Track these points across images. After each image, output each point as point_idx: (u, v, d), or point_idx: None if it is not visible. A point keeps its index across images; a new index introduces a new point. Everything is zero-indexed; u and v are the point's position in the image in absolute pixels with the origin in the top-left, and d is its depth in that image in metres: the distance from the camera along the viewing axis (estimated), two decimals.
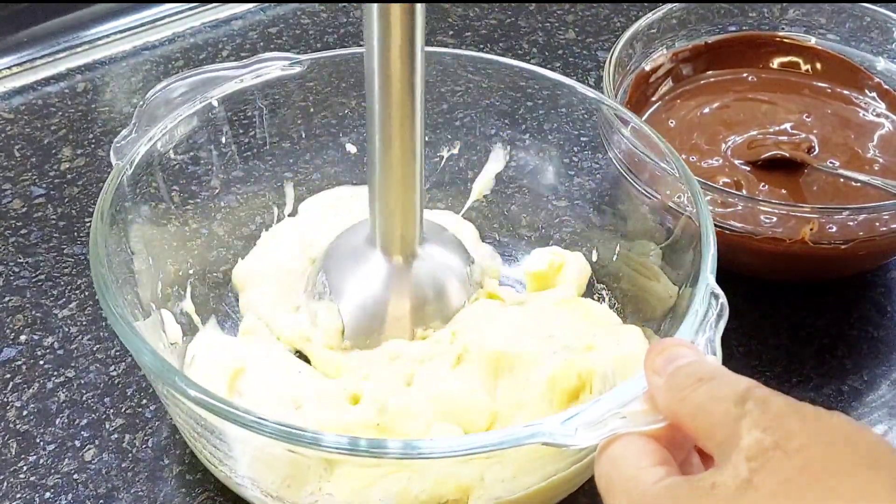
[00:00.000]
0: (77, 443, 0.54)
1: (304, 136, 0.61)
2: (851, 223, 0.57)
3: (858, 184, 0.62)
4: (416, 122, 0.49)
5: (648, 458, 0.36)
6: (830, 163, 0.64)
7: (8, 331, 0.60)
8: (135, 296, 0.50)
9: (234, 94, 0.57)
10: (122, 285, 0.48)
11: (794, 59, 0.72)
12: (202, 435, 0.46)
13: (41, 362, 0.58)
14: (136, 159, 0.51)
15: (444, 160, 0.63)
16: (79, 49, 0.81)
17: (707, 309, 0.44)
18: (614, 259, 0.59)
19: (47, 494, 0.52)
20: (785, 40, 0.72)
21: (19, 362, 0.58)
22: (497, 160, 0.63)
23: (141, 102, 0.53)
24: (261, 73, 0.57)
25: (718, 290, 0.44)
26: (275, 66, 0.57)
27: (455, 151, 0.63)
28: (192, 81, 0.55)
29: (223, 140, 0.58)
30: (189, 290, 0.56)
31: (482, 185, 0.63)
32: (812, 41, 0.72)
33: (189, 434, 0.49)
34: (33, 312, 0.61)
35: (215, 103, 0.56)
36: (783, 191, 0.62)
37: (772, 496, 0.31)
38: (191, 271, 0.56)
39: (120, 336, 0.44)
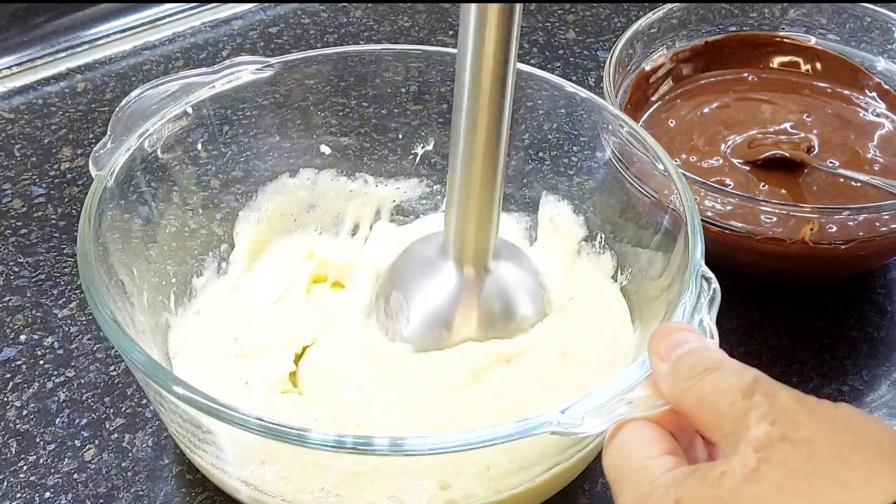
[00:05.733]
0: (77, 442, 0.54)
1: (278, 138, 0.61)
2: (851, 223, 0.57)
3: (858, 184, 0.62)
4: (502, 133, 0.48)
5: (657, 448, 0.36)
6: (830, 163, 0.64)
7: (8, 330, 0.60)
8: (126, 303, 0.50)
9: (208, 101, 0.56)
10: (110, 288, 0.48)
11: (795, 59, 0.72)
12: (193, 434, 0.46)
13: (41, 362, 0.58)
14: (115, 169, 0.51)
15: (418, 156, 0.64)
16: (79, 49, 0.81)
17: (699, 292, 0.44)
18: (619, 258, 0.59)
19: (47, 494, 0.52)
20: (785, 40, 0.72)
21: (19, 362, 0.58)
22: None
23: (116, 111, 0.53)
24: (232, 78, 0.57)
25: (710, 274, 0.45)
26: (246, 70, 0.57)
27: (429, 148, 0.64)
28: (164, 89, 0.55)
29: (199, 147, 0.58)
30: (172, 298, 0.56)
31: None
32: (812, 41, 0.72)
33: (180, 437, 0.49)
34: (33, 312, 0.61)
35: (189, 110, 0.56)
36: (783, 191, 0.62)
37: (779, 486, 0.31)
38: (173, 279, 0.56)
39: (108, 335, 0.44)
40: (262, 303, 0.57)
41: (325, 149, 0.62)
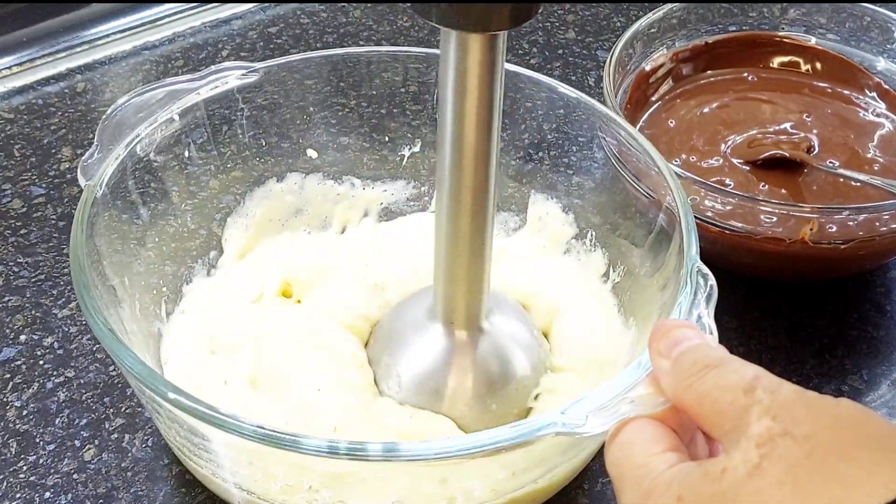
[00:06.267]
0: (77, 443, 0.54)
1: (264, 145, 0.61)
2: (851, 223, 0.57)
3: (858, 183, 0.62)
4: (489, 189, 0.44)
5: (659, 445, 0.36)
6: (830, 162, 0.64)
7: (8, 330, 0.60)
8: (117, 312, 0.50)
9: (194, 108, 0.56)
10: (104, 295, 0.48)
11: (795, 58, 0.72)
12: (188, 440, 0.46)
13: (41, 362, 0.58)
14: (104, 178, 0.51)
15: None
16: (79, 49, 0.81)
17: (696, 288, 0.44)
18: (610, 256, 0.59)
19: (47, 494, 0.52)
20: (785, 40, 0.72)
21: (19, 362, 0.58)
22: None
23: (103, 119, 0.53)
24: (218, 84, 0.57)
25: (706, 270, 0.45)
26: (231, 76, 0.57)
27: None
28: (150, 96, 0.54)
29: (187, 154, 0.58)
30: (164, 307, 0.56)
31: None
32: (812, 41, 0.72)
33: (177, 445, 0.49)
34: (33, 312, 0.61)
35: (176, 117, 0.55)
36: (783, 190, 0.62)
37: (780, 481, 0.31)
38: (164, 289, 0.56)
39: (104, 343, 0.44)
40: (240, 301, 0.57)
41: (312, 153, 0.62)
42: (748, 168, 0.63)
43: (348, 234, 0.63)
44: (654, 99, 0.70)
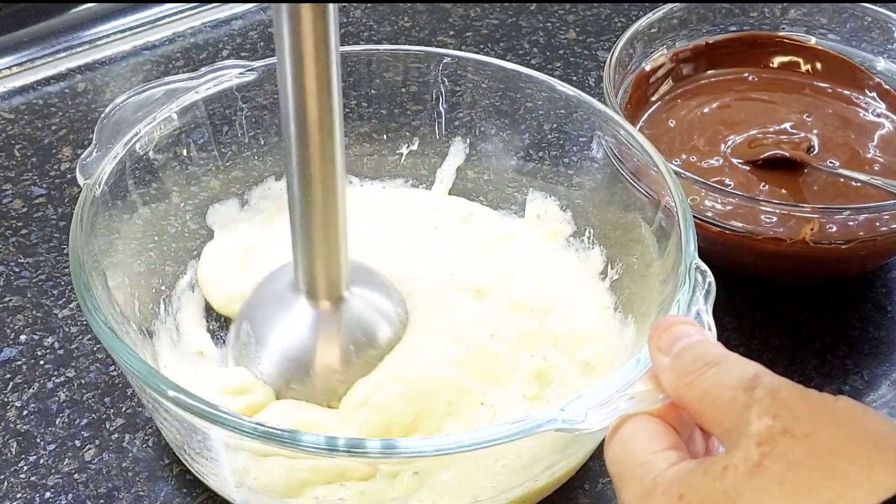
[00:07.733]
0: (77, 443, 0.54)
1: (262, 143, 0.61)
2: (852, 223, 0.57)
3: (859, 184, 0.62)
4: (336, 156, 0.45)
5: (660, 442, 0.36)
6: (830, 163, 0.64)
7: (8, 331, 0.60)
8: (117, 311, 0.50)
9: (192, 106, 0.56)
10: (101, 293, 0.48)
11: (795, 58, 0.72)
12: (190, 437, 0.46)
13: (41, 362, 0.58)
14: (103, 177, 0.51)
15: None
16: (79, 49, 0.81)
17: (694, 285, 0.44)
18: (608, 253, 0.59)
19: (48, 494, 0.52)
20: (785, 40, 0.72)
21: (19, 362, 0.58)
22: (457, 154, 0.63)
23: (101, 118, 0.53)
24: (216, 83, 0.57)
25: (704, 267, 0.45)
26: (230, 75, 0.57)
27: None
28: (148, 95, 0.54)
29: (185, 153, 0.58)
30: (162, 304, 0.56)
31: (447, 177, 0.64)
32: (812, 41, 0.72)
33: (178, 444, 0.49)
34: (34, 312, 0.61)
35: (174, 116, 0.55)
36: (783, 190, 0.62)
37: (781, 479, 0.31)
38: (163, 287, 0.57)
39: (103, 341, 0.44)
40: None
41: None
42: (748, 168, 0.63)
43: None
44: (654, 99, 0.70)
